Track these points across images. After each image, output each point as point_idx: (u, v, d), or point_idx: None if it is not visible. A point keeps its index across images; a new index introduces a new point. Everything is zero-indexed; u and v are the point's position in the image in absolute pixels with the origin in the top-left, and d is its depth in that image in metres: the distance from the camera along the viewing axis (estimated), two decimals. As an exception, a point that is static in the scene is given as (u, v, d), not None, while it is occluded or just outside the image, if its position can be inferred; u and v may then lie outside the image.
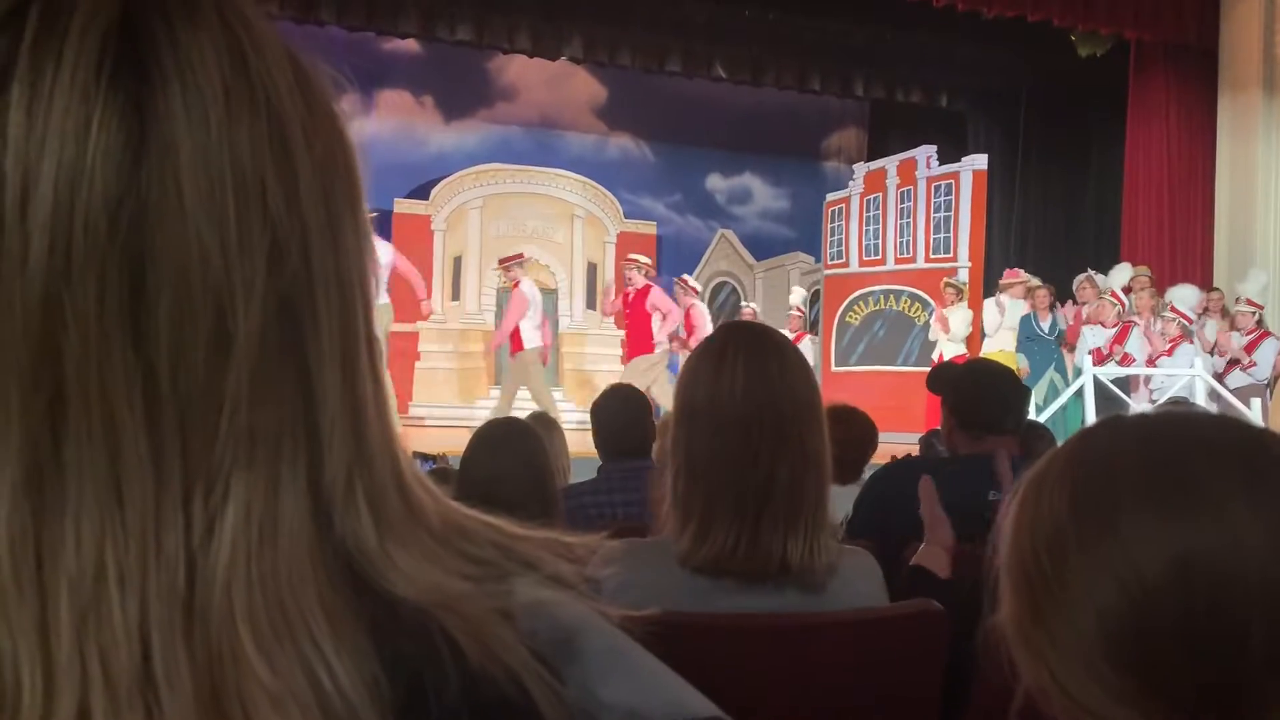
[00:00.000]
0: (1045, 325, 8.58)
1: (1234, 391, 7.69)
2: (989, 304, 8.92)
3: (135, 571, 0.39)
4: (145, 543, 0.40)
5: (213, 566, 0.41)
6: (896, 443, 6.81)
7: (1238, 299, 8.17)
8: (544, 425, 3.27)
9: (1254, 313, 8.02)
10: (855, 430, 3.17)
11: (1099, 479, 0.59)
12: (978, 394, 2.42)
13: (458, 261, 10.64)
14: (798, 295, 10.41)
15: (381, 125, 10.52)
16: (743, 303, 10.54)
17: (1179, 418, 0.63)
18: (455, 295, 10.62)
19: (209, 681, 0.40)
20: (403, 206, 10.33)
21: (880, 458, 3.43)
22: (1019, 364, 8.22)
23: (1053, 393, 8.09)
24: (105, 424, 0.39)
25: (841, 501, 2.43)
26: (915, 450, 4.76)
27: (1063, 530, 0.58)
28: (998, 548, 0.64)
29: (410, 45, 10.56)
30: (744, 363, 1.33)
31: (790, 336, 8.79)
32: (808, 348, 9.41)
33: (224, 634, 0.40)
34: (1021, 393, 2.64)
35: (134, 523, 0.40)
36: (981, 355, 8.05)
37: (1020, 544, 0.61)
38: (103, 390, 0.39)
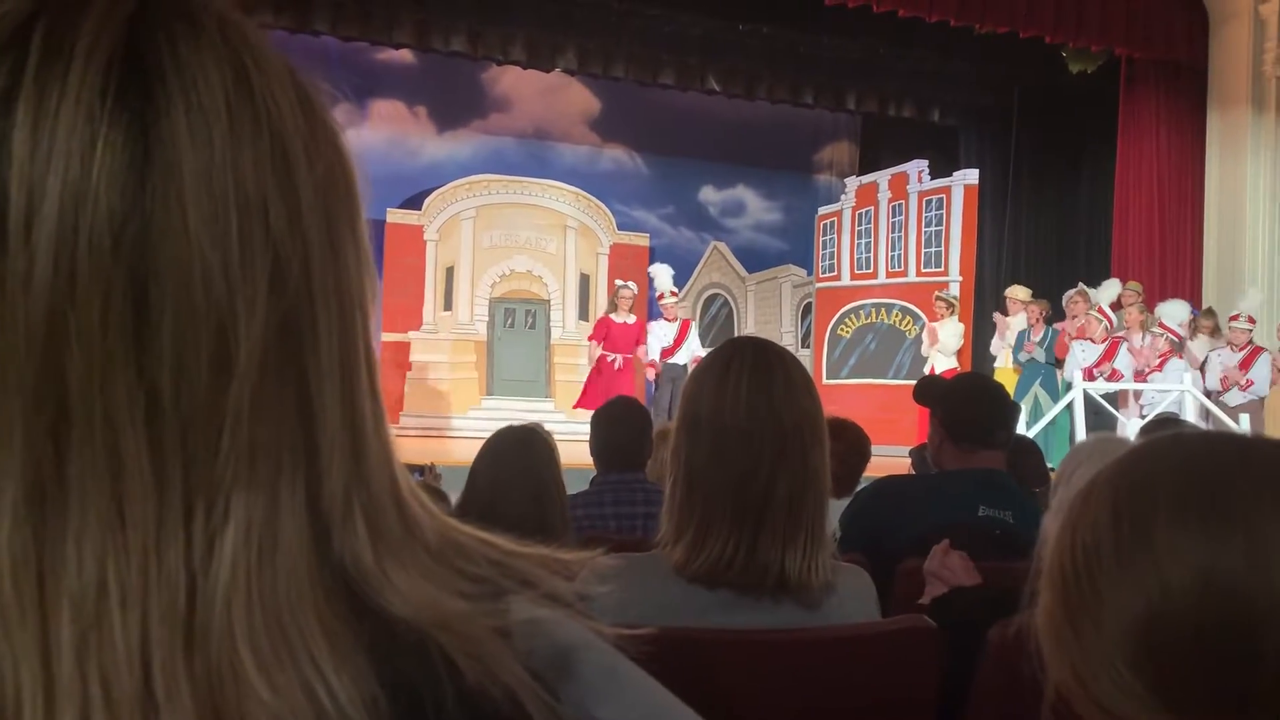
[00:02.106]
0: (1036, 339, 8.61)
1: (1230, 409, 7.71)
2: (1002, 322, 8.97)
3: (136, 591, 0.39)
4: (147, 562, 0.40)
5: (213, 585, 0.41)
6: (887, 455, 6.82)
7: (1234, 316, 8.18)
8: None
9: (1249, 330, 8.04)
10: (848, 443, 3.17)
11: (1140, 491, 0.61)
12: (968, 408, 2.42)
13: (450, 272, 10.64)
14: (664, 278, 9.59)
15: (375, 135, 10.52)
16: (619, 281, 9.68)
17: (1226, 438, 0.65)
18: (447, 305, 10.61)
19: (210, 701, 0.40)
20: (395, 216, 10.33)
21: (872, 471, 3.44)
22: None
23: (1038, 409, 8.11)
24: (108, 443, 0.40)
25: (836, 514, 2.43)
26: (906, 462, 4.77)
27: (1101, 537, 0.61)
28: (1040, 552, 0.67)
29: (404, 56, 10.58)
30: (749, 376, 1.34)
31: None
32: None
33: (224, 653, 0.40)
34: (1011, 408, 2.64)
35: (136, 542, 0.40)
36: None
37: (1062, 546, 0.64)
38: (106, 409, 0.39)
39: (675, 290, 9.59)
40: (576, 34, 9.98)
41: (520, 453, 2.23)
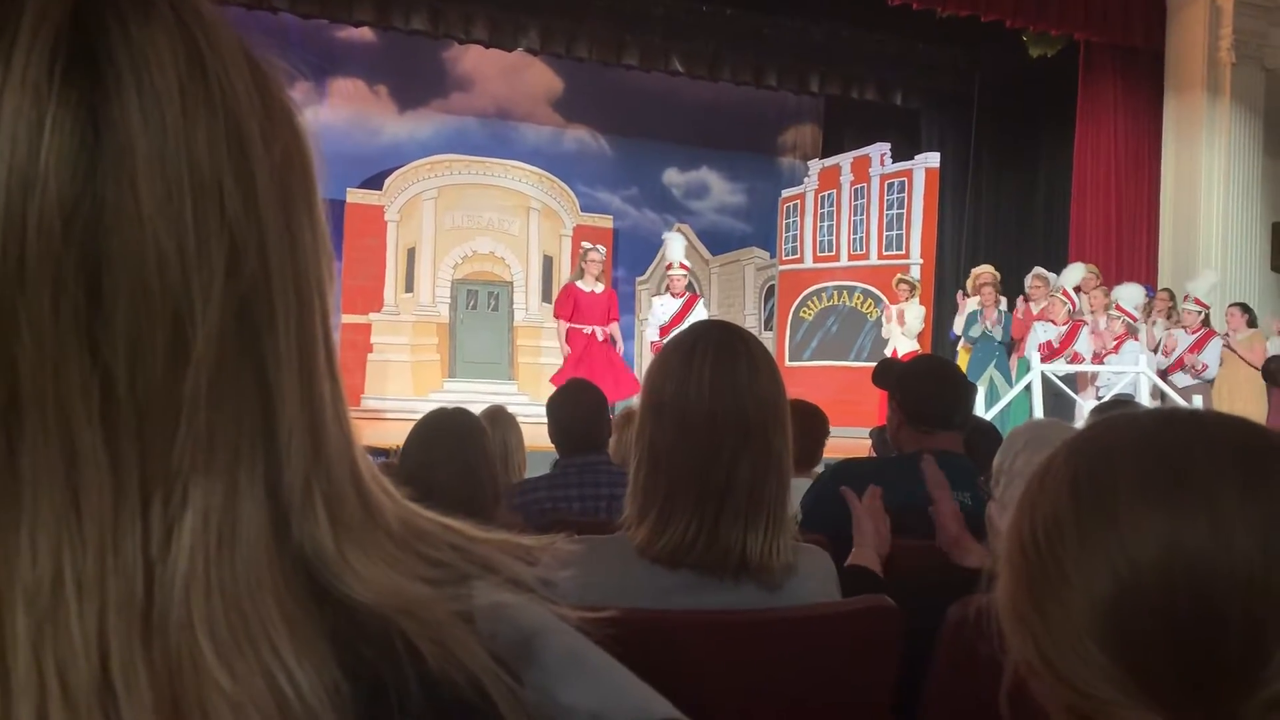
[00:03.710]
0: (989, 322, 8.70)
1: (1180, 390, 7.85)
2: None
3: (93, 581, 0.39)
4: (103, 552, 0.39)
5: (171, 574, 0.40)
6: (849, 437, 6.88)
7: (1185, 297, 8.33)
8: (499, 420, 3.26)
9: (1200, 312, 8.18)
10: (806, 422, 3.20)
11: (1099, 468, 0.62)
12: (925, 390, 2.44)
13: (411, 253, 10.56)
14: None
15: (335, 114, 10.38)
16: (586, 244, 9.15)
17: (1183, 414, 0.65)
18: (409, 287, 10.53)
19: (169, 690, 0.39)
20: (355, 197, 10.22)
21: (833, 451, 3.48)
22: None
23: (992, 391, 8.20)
24: (61, 432, 0.39)
25: (797, 494, 2.45)
26: (867, 443, 4.82)
27: (1062, 515, 0.61)
28: (998, 531, 0.66)
29: (364, 34, 10.44)
30: (713, 360, 1.35)
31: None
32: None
33: (183, 642, 0.40)
34: (968, 389, 2.67)
35: (91, 532, 0.39)
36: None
37: (1020, 527, 0.64)
38: (59, 398, 0.39)
39: (686, 264, 8.83)
40: (539, 13, 9.91)
41: (447, 434, 2.23)
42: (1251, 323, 8.34)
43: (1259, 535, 0.56)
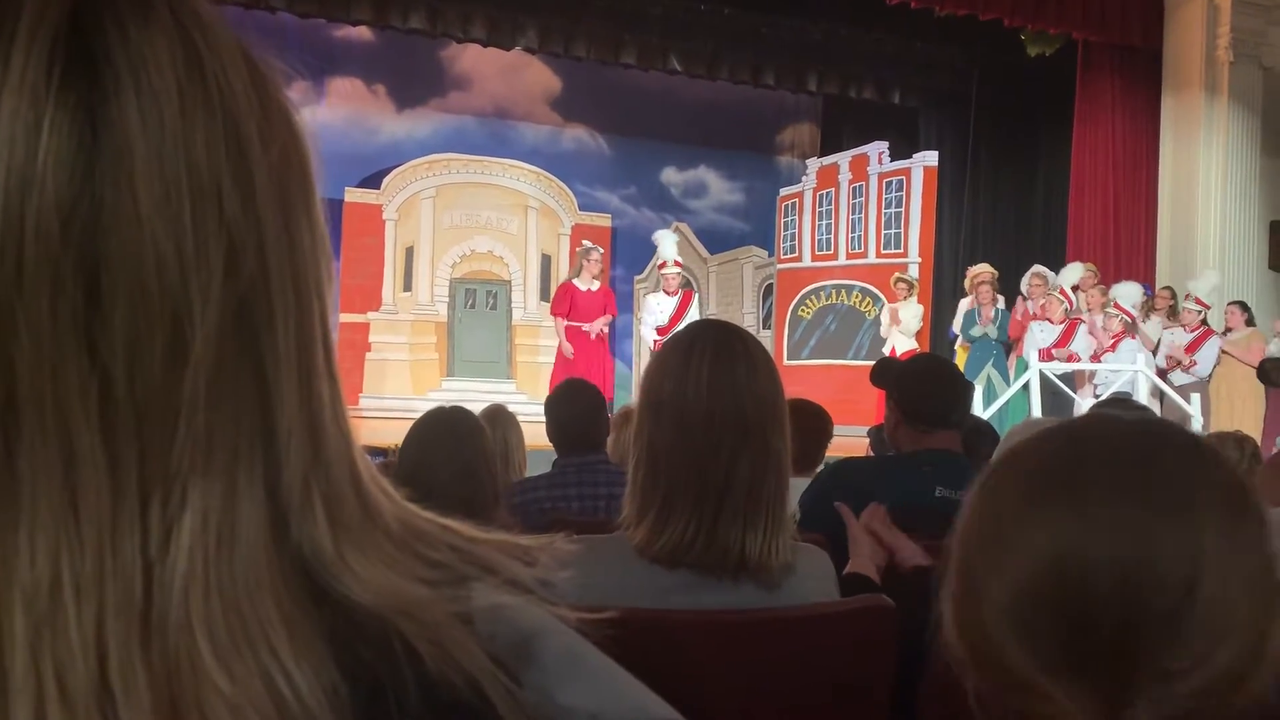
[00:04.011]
0: (986, 320, 8.70)
1: (1177, 388, 7.86)
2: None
3: (91, 583, 0.39)
4: (101, 553, 0.39)
5: (170, 575, 0.40)
6: (847, 435, 6.88)
7: (1187, 296, 8.33)
8: (499, 419, 3.26)
9: (1200, 312, 8.19)
10: (808, 422, 3.20)
11: (1005, 475, 0.70)
12: (922, 389, 2.44)
13: (410, 252, 10.55)
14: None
15: (333, 113, 10.37)
16: (586, 243, 9.09)
17: (1069, 426, 0.72)
18: (407, 286, 10.53)
19: (167, 692, 0.39)
20: (354, 196, 10.21)
21: (831, 450, 3.48)
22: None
23: (990, 389, 8.21)
24: (60, 433, 0.39)
25: (796, 493, 2.45)
26: (865, 442, 4.82)
27: (975, 525, 0.69)
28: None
29: (362, 33, 10.43)
30: (711, 359, 1.35)
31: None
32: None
33: (182, 644, 0.40)
34: (966, 388, 2.67)
35: (90, 533, 0.39)
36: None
37: (957, 531, 0.71)
38: (57, 399, 0.39)
39: (680, 260, 8.79)
40: (537, 12, 9.90)
41: (446, 434, 2.23)
42: (1250, 321, 8.34)
43: (1120, 532, 0.62)
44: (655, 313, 8.37)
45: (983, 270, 8.99)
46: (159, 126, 0.40)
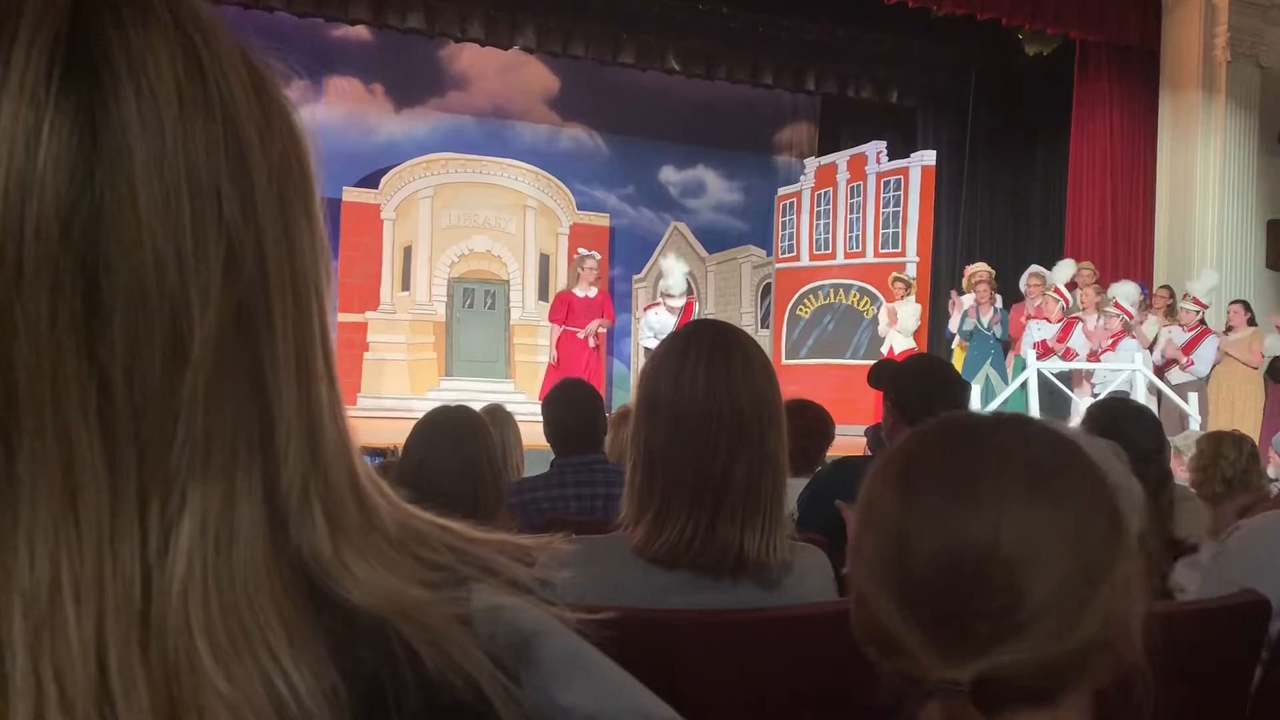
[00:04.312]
0: (985, 320, 8.70)
1: (1175, 387, 7.86)
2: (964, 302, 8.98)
3: (91, 585, 0.39)
4: (101, 556, 0.39)
5: (169, 578, 0.40)
6: (845, 435, 6.87)
7: (1185, 296, 8.33)
8: (496, 418, 3.26)
9: (1198, 312, 8.19)
10: (809, 423, 3.21)
11: (876, 467, 0.80)
12: (919, 389, 2.45)
13: (408, 251, 10.55)
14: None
15: (331, 113, 10.36)
16: (582, 250, 9.21)
17: (935, 424, 0.81)
18: (405, 286, 10.52)
19: (166, 694, 0.39)
20: (352, 195, 10.21)
21: (830, 450, 3.49)
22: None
23: (988, 388, 8.21)
24: (59, 436, 0.39)
25: (795, 493, 2.45)
26: (863, 441, 4.83)
27: (859, 506, 0.80)
28: None
29: (360, 32, 10.42)
30: (707, 358, 1.35)
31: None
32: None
33: (181, 646, 0.40)
34: (962, 388, 2.68)
35: (89, 536, 0.39)
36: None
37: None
38: (56, 401, 0.39)
39: (690, 296, 8.83)
40: (535, 11, 9.90)
41: (450, 433, 2.23)
42: (1252, 321, 8.33)
43: (937, 513, 0.73)
44: (657, 328, 8.39)
45: (979, 270, 8.99)
46: (159, 129, 0.40)
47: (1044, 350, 8.05)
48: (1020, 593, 0.70)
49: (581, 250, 9.28)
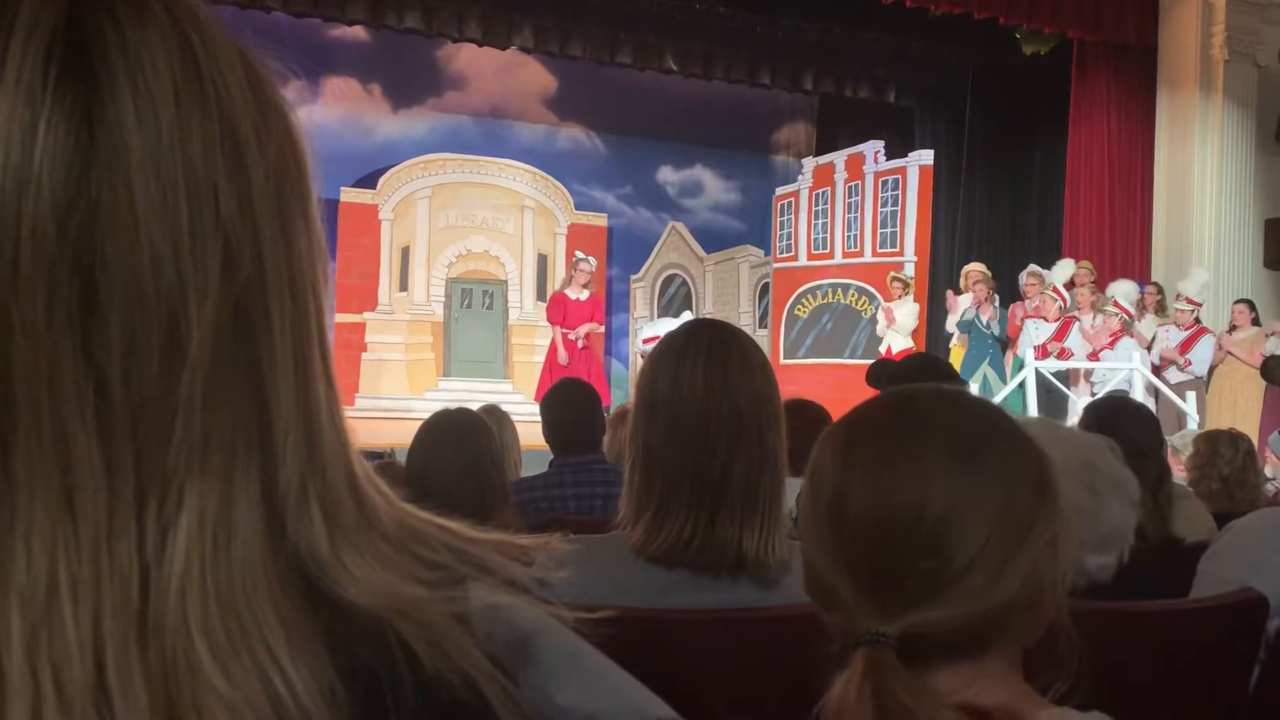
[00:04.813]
0: (984, 319, 8.71)
1: (1174, 386, 7.86)
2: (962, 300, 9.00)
3: (88, 584, 0.39)
4: (98, 554, 0.39)
5: (166, 576, 0.40)
6: (844, 435, 6.87)
7: (1177, 295, 8.33)
8: (493, 418, 3.26)
9: (1192, 311, 8.18)
10: (809, 422, 3.21)
11: (826, 433, 0.85)
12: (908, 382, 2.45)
13: (406, 252, 10.54)
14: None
15: (328, 113, 10.36)
16: (578, 254, 9.30)
17: (884, 397, 0.86)
18: (403, 286, 10.52)
19: (164, 692, 0.39)
20: (349, 195, 10.20)
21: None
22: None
23: (986, 387, 8.22)
24: (56, 435, 0.39)
25: (794, 492, 2.44)
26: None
27: (806, 476, 0.85)
28: None
29: (357, 33, 10.41)
30: (705, 358, 1.35)
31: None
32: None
33: (178, 644, 0.40)
34: (954, 382, 2.67)
35: (86, 534, 0.39)
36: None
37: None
38: (53, 400, 0.39)
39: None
40: (532, 11, 9.89)
41: (454, 435, 2.24)
42: (1257, 321, 8.32)
43: (872, 476, 0.78)
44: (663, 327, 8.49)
45: (973, 269, 9.01)
46: (155, 127, 0.40)
47: (1041, 351, 8.05)
48: (946, 552, 0.74)
49: (579, 253, 9.31)
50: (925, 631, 0.74)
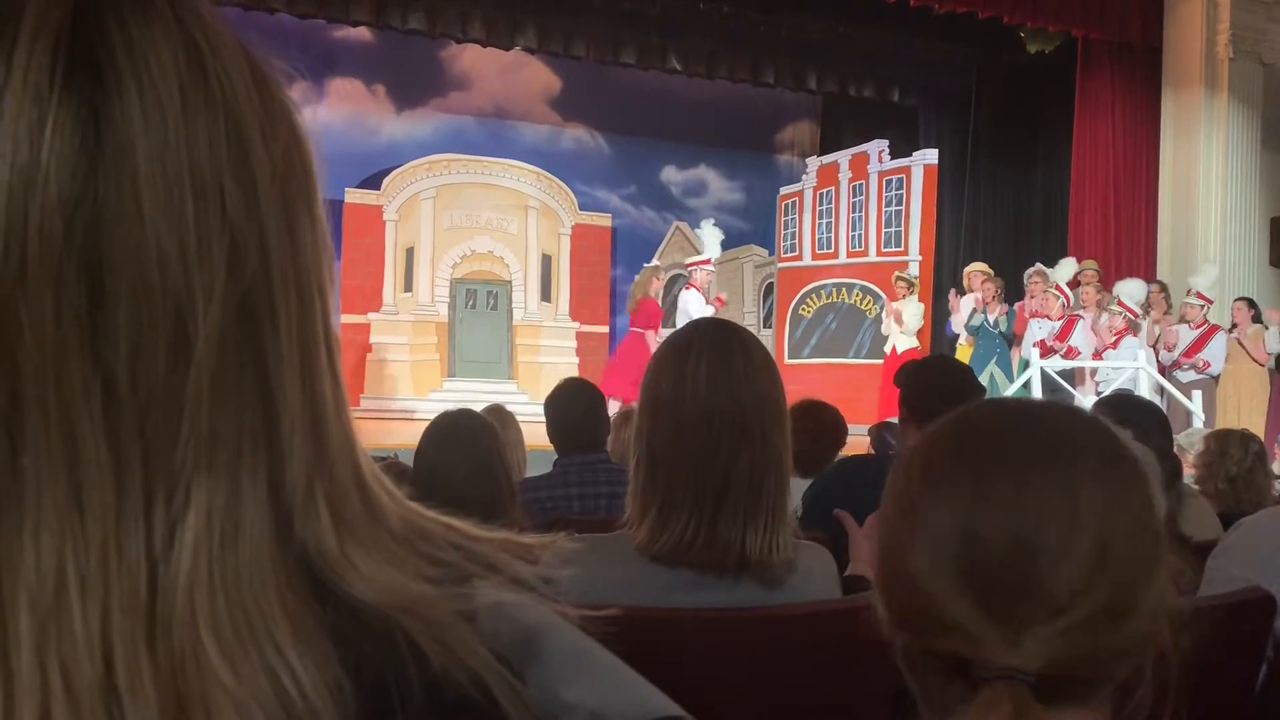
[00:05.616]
0: (991, 318, 8.71)
1: (1182, 385, 7.84)
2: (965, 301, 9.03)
3: (96, 581, 0.39)
4: (106, 551, 0.39)
5: (174, 573, 0.41)
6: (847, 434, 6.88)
7: (1188, 291, 8.30)
8: (499, 418, 3.26)
9: (1203, 307, 8.15)
10: (823, 425, 3.21)
11: (913, 457, 0.79)
12: (927, 386, 2.46)
13: (410, 252, 10.55)
14: None
15: (333, 114, 10.37)
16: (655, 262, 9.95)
17: (981, 408, 0.81)
18: (408, 287, 10.52)
19: (173, 688, 0.39)
20: (354, 196, 10.21)
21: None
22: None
23: (993, 386, 8.21)
24: (64, 432, 0.39)
25: (801, 493, 2.45)
26: (866, 440, 4.82)
27: (892, 497, 0.78)
28: None
29: (362, 33, 10.43)
30: (709, 357, 1.35)
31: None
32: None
33: (187, 640, 0.40)
34: (973, 386, 2.67)
35: (94, 531, 0.39)
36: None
37: (881, 508, 0.80)
38: (60, 398, 0.39)
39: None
40: (536, 12, 9.90)
41: (461, 436, 2.24)
42: (1257, 318, 8.30)
43: (1012, 501, 0.71)
44: (697, 308, 8.74)
45: (976, 269, 9.01)
46: (161, 126, 0.41)
47: (1045, 349, 8.04)
48: (1090, 578, 0.68)
49: (655, 262, 9.66)
50: (1063, 670, 0.67)
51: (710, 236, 9.49)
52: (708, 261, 9.20)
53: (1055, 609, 0.67)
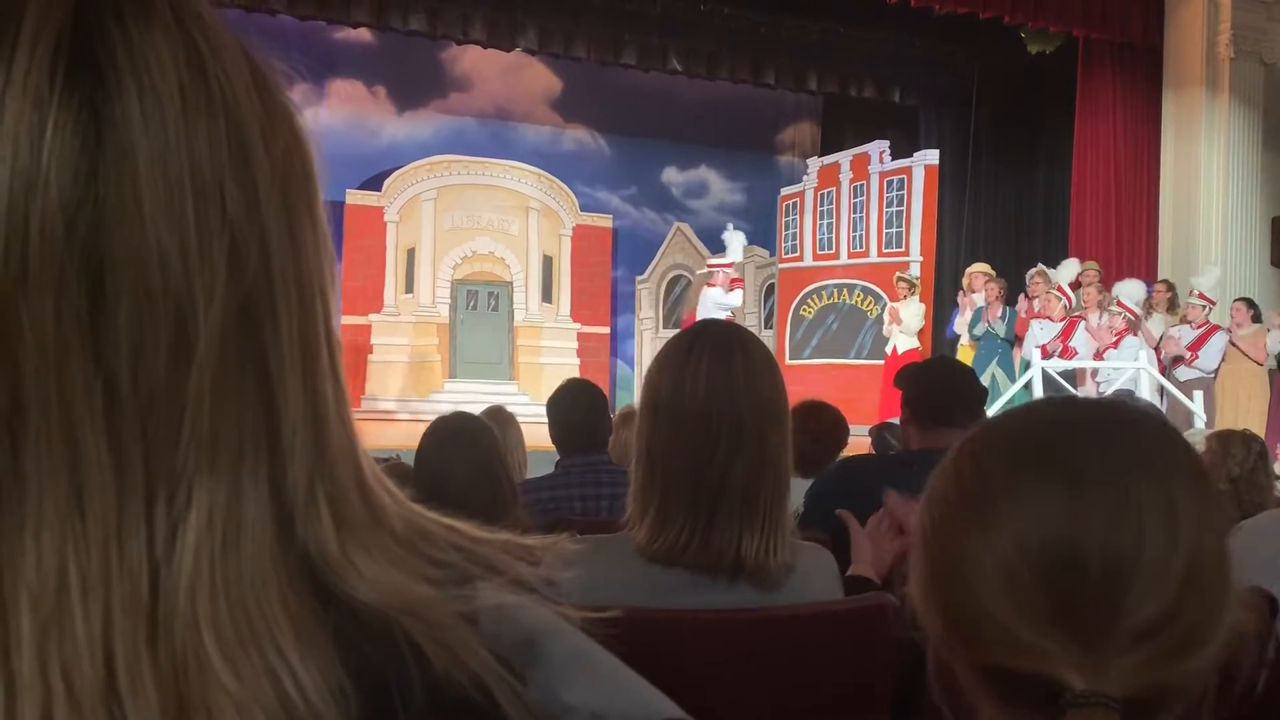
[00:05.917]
0: (996, 317, 8.71)
1: (1181, 385, 7.84)
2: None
3: (98, 582, 0.39)
4: (107, 552, 0.39)
5: (176, 574, 0.40)
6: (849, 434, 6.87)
7: (1191, 291, 8.30)
8: (499, 420, 3.26)
9: (1205, 307, 8.15)
10: (823, 427, 3.21)
11: (979, 459, 0.71)
12: (932, 388, 2.46)
13: (411, 253, 10.55)
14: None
15: (333, 115, 10.38)
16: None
17: (1062, 404, 0.75)
18: (409, 288, 10.53)
19: (174, 690, 0.39)
20: (355, 198, 10.22)
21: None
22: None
23: (995, 387, 8.21)
24: (65, 433, 0.39)
25: (802, 493, 2.45)
26: (867, 440, 4.82)
27: (951, 506, 0.70)
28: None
29: (362, 35, 10.44)
30: (709, 359, 1.34)
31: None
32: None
33: (188, 642, 0.40)
34: (976, 390, 2.67)
35: (95, 532, 0.39)
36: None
37: (923, 519, 0.72)
38: (61, 399, 0.39)
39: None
40: (536, 13, 9.91)
41: (460, 438, 2.25)
42: (1257, 318, 8.30)
43: (1113, 509, 0.65)
44: (726, 302, 9.02)
45: (978, 270, 9.00)
46: (162, 127, 0.41)
47: (1045, 353, 8.04)
48: (1181, 600, 0.64)
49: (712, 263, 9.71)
50: (1152, 694, 0.63)
51: (735, 241, 9.72)
52: (730, 265, 9.43)
53: (1144, 633, 0.63)
